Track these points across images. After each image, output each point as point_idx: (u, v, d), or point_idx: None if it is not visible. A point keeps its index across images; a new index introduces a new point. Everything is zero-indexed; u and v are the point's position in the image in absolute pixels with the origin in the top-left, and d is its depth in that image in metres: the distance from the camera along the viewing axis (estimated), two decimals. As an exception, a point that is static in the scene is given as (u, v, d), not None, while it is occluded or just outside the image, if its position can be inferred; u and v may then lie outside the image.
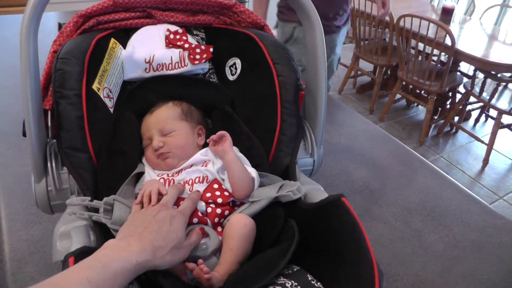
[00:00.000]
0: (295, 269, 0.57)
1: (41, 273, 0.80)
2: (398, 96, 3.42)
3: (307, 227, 0.61)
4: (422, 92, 3.40)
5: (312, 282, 0.54)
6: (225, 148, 0.72)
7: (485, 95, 2.88)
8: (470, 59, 2.70)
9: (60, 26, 1.84)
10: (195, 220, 0.64)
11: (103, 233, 0.61)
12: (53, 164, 0.67)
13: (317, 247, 0.60)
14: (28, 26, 0.62)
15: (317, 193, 0.66)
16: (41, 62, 0.67)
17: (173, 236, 0.55)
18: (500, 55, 2.72)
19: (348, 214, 0.56)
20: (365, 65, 3.82)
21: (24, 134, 0.73)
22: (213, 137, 0.73)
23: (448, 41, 2.66)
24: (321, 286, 0.54)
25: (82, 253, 0.51)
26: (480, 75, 3.01)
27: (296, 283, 0.53)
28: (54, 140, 0.70)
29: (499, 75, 2.86)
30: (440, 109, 3.44)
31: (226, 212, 0.68)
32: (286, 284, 0.54)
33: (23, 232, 0.90)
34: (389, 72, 3.78)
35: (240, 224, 0.63)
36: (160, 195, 0.64)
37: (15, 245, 0.87)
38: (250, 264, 0.60)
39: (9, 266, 0.82)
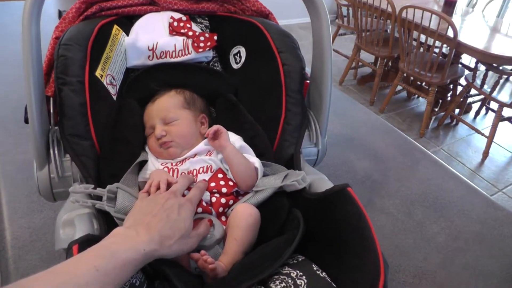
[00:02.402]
0: (300, 259, 0.57)
1: (43, 260, 0.80)
2: (399, 87, 3.41)
3: (312, 217, 0.61)
4: (423, 84, 3.39)
5: (317, 272, 0.54)
6: (222, 143, 0.71)
7: (486, 87, 2.87)
8: (472, 51, 2.69)
9: (60, 13, 1.82)
10: (199, 209, 0.64)
11: (107, 221, 0.61)
12: (56, 152, 0.66)
13: (322, 237, 0.60)
14: (30, 12, 0.60)
15: (322, 182, 0.66)
16: (42, 49, 0.66)
17: (180, 226, 0.55)
18: (502, 47, 2.70)
19: (353, 204, 0.56)
20: (366, 56, 3.80)
21: (26, 121, 0.72)
22: (209, 132, 0.72)
23: (450, 33, 2.65)
24: (326, 276, 0.54)
25: (86, 241, 0.51)
26: (482, 68, 2.99)
27: (301, 273, 0.53)
28: (56, 127, 0.69)
29: (500, 67, 2.84)
30: (441, 101, 3.44)
31: (231, 202, 0.67)
32: (291, 274, 0.53)
33: (24, 220, 0.89)
34: (390, 64, 3.77)
35: (245, 214, 0.63)
36: (169, 185, 0.64)
37: (17, 233, 0.86)
38: (255, 254, 0.59)
39: (10, 253, 0.82)
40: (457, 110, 3.32)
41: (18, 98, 1.27)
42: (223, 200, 0.67)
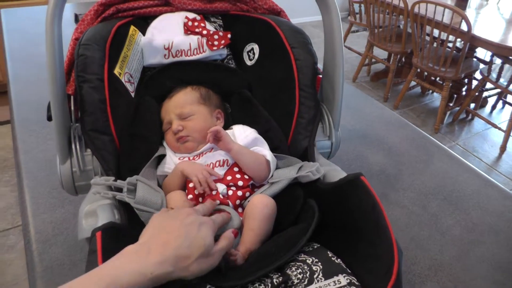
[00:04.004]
0: (315, 246, 0.59)
1: (65, 253, 0.82)
2: (412, 83, 3.39)
3: (327, 206, 0.62)
4: (437, 79, 3.37)
5: (332, 258, 0.55)
6: (226, 146, 0.72)
7: (503, 81, 2.83)
8: (487, 44, 2.66)
9: (76, 16, 1.86)
10: (217, 201, 0.66)
11: (127, 212, 0.63)
12: (77, 146, 0.69)
13: (337, 225, 0.61)
14: (53, 15, 0.63)
15: (336, 173, 0.67)
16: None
17: (200, 243, 0.51)
18: (518, 40, 2.67)
19: (367, 192, 0.57)
20: (379, 53, 3.78)
21: (49, 119, 0.75)
22: (208, 137, 0.72)
23: (464, 27, 2.62)
24: (341, 262, 0.55)
25: (109, 228, 0.53)
26: (498, 61, 2.96)
27: (316, 259, 0.55)
28: (77, 124, 0.72)
29: (517, 60, 2.81)
30: (455, 96, 3.41)
31: (247, 194, 0.69)
32: (307, 261, 0.55)
33: (47, 215, 0.92)
34: (403, 60, 3.75)
35: (261, 205, 0.64)
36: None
37: (40, 227, 0.89)
38: (271, 242, 0.61)
39: (35, 246, 0.85)
40: (472, 105, 3.28)
41: (39, 99, 1.30)
42: (239, 193, 0.68)
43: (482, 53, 3.68)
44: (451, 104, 3.34)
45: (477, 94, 3.14)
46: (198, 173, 0.67)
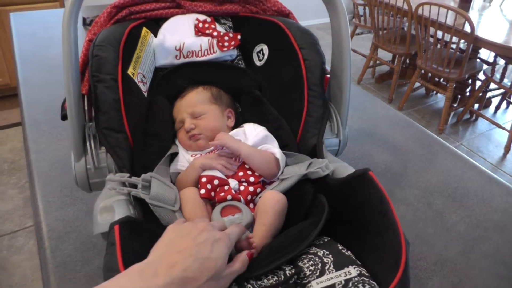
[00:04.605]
0: (325, 240, 0.60)
1: (77, 250, 0.83)
2: (417, 84, 3.41)
3: (336, 201, 0.64)
4: (441, 80, 3.38)
5: (343, 250, 0.57)
6: (235, 153, 0.73)
7: (507, 81, 2.85)
8: (490, 45, 2.68)
9: (84, 20, 1.89)
10: (229, 197, 0.68)
11: (141, 208, 0.65)
12: (92, 144, 0.71)
13: (346, 219, 0.63)
14: (70, 16, 0.65)
15: (344, 169, 0.69)
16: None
17: (211, 265, 0.48)
18: (521, 41, 2.68)
19: (375, 187, 0.59)
20: (384, 55, 3.81)
21: (63, 118, 0.77)
22: (215, 148, 0.75)
23: (467, 28, 2.64)
24: (351, 254, 0.57)
25: (126, 222, 0.55)
26: (501, 62, 2.97)
27: (327, 252, 0.56)
28: (91, 123, 0.74)
29: (521, 61, 2.82)
30: (459, 96, 3.42)
31: (258, 190, 0.71)
32: (318, 253, 0.57)
33: (58, 213, 0.93)
34: (407, 61, 3.76)
35: (273, 200, 0.66)
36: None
37: (52, 225, 0.90)
38: (283, 237, 0.63)
39: (47, 244, 0.86)
40: (476, 105, 3.30)
41: (49, 100, 1.33)
42: (251, 189, 0.70)
43: (485, 54, 3.69)
44: (455, 105, 3.36)
45: (481, 94, 3.15)
46: (219, 161, 0.71)
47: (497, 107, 3.48)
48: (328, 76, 0.84)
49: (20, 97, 1.37)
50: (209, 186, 0.69)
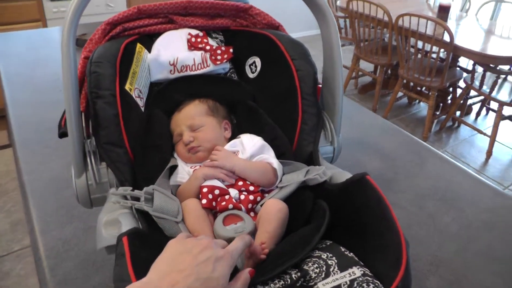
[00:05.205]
0: (328, 243, 0.62)
1: (77, 267, 0.83)
2: (400, 94, 3.48)
3: (335, 206, 0.66)
4: (423, 88, 3.46)
5: (346, 252, 0.59)
6: (228, 169, 0.74)
7: (485, 88, 2.93)
8: (469, 53, 2.76)
9: (76, 40, 1.89)
10: (230, 206, 0.69)
11: (145, 221, 0.66)
12: (92, 160, 0.72)
13: (346, 223, 0.64)
14: (69, 34, 0.66)
15: (342, 174, 0.71)
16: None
17: (212, 285, 0.47)
18: (498, 48, 2.78)
19: (373, 190, 0.61)
20: (366, 66, 3.88)
21: (61, 136, 0.78)
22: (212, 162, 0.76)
23: (446, 38, 2.72)
24: (353, 255, 0.58)
25: (133, 233, 0.56)
26: (480, 69, 3.06)
27: (331, 254, 0.58)
28: (89, 140, 0.75)
29: (498, 67, 2.91)
30: (441, 104, 3.50)
31: (258, 198, 0.72)
32: (322, 256, 0.58)
33: (56, 232, 0.93)
34: (389, 71, 3.84)
35: (275, 209, 0.67)
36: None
37: (50, 244, 0.90)
38: (286, 242, 0.64)
39: (46, 263, 0.86)
40: (458, 113, 3.38)
41: (38, 120, 1.32)
42: (251, 197, 0.72)
43: (464, 62, 3.80)
44: (437, 113, 3.43)
45: (462, 102, 3.24)
46: (220, 171, 0.73)
47: (478, 114, 3.57)
48: (320, 85, 0.87)
49: (9, 118, 1.36)
50: (210, 196, 0.70)
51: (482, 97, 3.36)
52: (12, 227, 2.23)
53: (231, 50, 0.93)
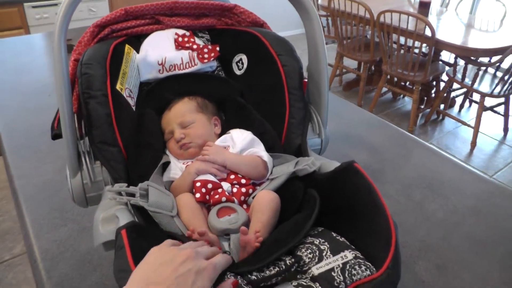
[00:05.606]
0: (320, 229, 0.64)
1: (73, 268, 0.83)
2: (384, 89, 3.53)
3: (326, 194, 0.68)
4: (407, 83, 3.51)
5: (337, 237, 0.61)
6: (219, 164, 0.76)
7: (467, 80, 2.99)
8: (450, 47, 2.82)
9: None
10: (223, 199, 0.71)
11: (140, 216, 0.67)
12: (87, 159, 0.73)
13: (336, 209, 0.67)
14: (60, 37, 0.67)
15: (330, 164, 0.73)
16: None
17: None
18: (478, 41, 2.84)
19: (362, 176, 0.63)
20: (350, 63, 3.92)
21: (53, 138, 0.78)
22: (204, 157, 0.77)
23: (428, 32, 2.77)
24: (345, 240, 0.61)
25: (132, 226, 0.57)
26: (461, 62, 3.12)
27: (323, 240, 0.60)
28: (82, 140, 0.76)
29: (478, 60, 2.97)
30: (425, 98, 3.56)
31: (250, 191, 0.74)
32: (315, 242, 0.60)
33: (50, 234, 0.93)
34: (373, 68, 3.89)
35: (267, 199, 0.70)
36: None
37: (45, 247, 0.90)
38: (279, 230, 0.66)
39: (42, 265, 0.86)
40: (442, 105, 3.44)
41: (27, 126, 1.32)
42: (243, 190, 0.74)
43: (446, 56, 3.87)
44: (422, 107, 3.49)
45: (445, 95, 3.29)
46: (212, 165, 0.74)
47: (461, 106, 3.63)
48: (306, 80, 0.89)
49: (-3, 126, 1.36)
50: (203, 190, 0.71)
51: (464, 90, 3.43)
52: (1, 236, 2.21)
53: (217, 48, 0.95)
